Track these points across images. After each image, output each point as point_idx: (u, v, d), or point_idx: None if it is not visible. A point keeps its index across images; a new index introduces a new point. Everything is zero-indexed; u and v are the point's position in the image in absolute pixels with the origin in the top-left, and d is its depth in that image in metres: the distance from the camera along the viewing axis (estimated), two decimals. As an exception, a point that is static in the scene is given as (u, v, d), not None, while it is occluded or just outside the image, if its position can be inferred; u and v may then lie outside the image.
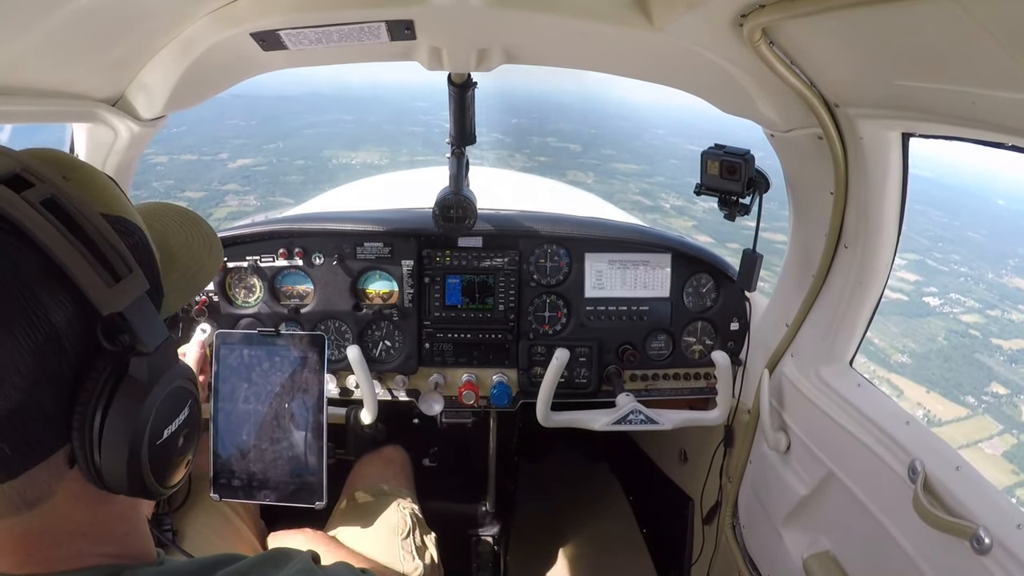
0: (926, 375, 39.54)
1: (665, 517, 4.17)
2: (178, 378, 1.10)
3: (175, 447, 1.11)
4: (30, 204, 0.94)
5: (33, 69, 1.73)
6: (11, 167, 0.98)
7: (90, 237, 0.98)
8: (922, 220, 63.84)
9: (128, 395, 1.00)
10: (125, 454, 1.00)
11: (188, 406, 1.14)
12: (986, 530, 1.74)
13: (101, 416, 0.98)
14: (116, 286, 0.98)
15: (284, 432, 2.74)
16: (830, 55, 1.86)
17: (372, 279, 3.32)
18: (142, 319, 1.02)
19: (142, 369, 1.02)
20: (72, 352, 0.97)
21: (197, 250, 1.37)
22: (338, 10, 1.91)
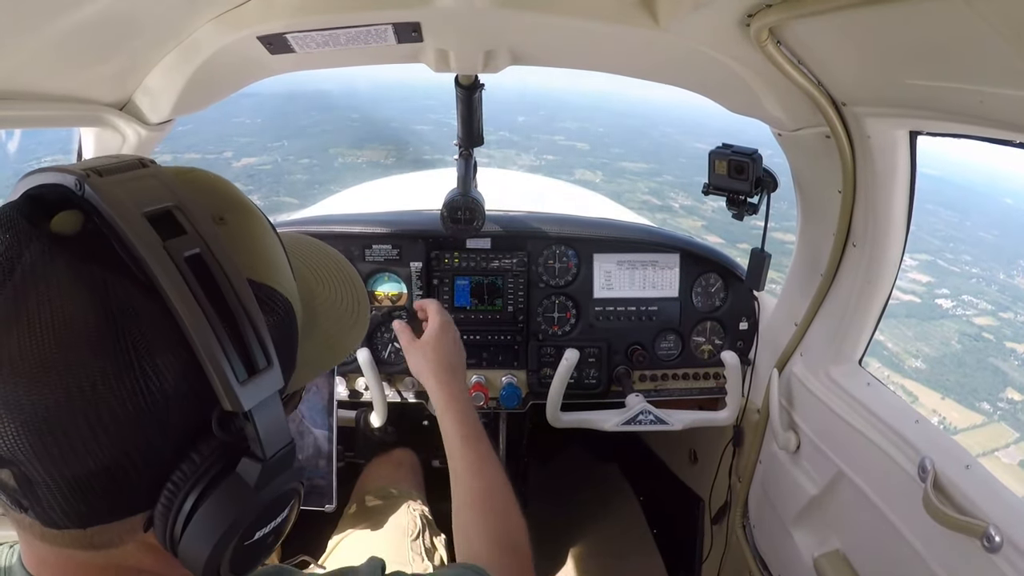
0: (941, 381, 38.84)
1: (675, 517, 4.17)
2: (290, 483, 0.99)
3: (263, 546, 0.99)
4: (173, 259, 0.84)
5: (41, 74, 1.74)
6: (164, 200, 0.89)
7: (233, 315, 0.87)
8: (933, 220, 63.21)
9: (229, 495, 0.90)
10: (208, 550, 0.89)
11: (289, 508, 1.02)
12: (997, 528, 1.74)
13: (192, 504, 0.88)
14: (248, 382, 0.87)
15: (294, 435, 2.74)
16: (837, 54, 1.85)
17: (381, 281, 3.32)
18: (267, 421, 0.91)
19: (252, 473, 0.91)
20: (178, 428, 0.87)
21: (343, 316, 1.25)
22: (345, 13, 1.92)
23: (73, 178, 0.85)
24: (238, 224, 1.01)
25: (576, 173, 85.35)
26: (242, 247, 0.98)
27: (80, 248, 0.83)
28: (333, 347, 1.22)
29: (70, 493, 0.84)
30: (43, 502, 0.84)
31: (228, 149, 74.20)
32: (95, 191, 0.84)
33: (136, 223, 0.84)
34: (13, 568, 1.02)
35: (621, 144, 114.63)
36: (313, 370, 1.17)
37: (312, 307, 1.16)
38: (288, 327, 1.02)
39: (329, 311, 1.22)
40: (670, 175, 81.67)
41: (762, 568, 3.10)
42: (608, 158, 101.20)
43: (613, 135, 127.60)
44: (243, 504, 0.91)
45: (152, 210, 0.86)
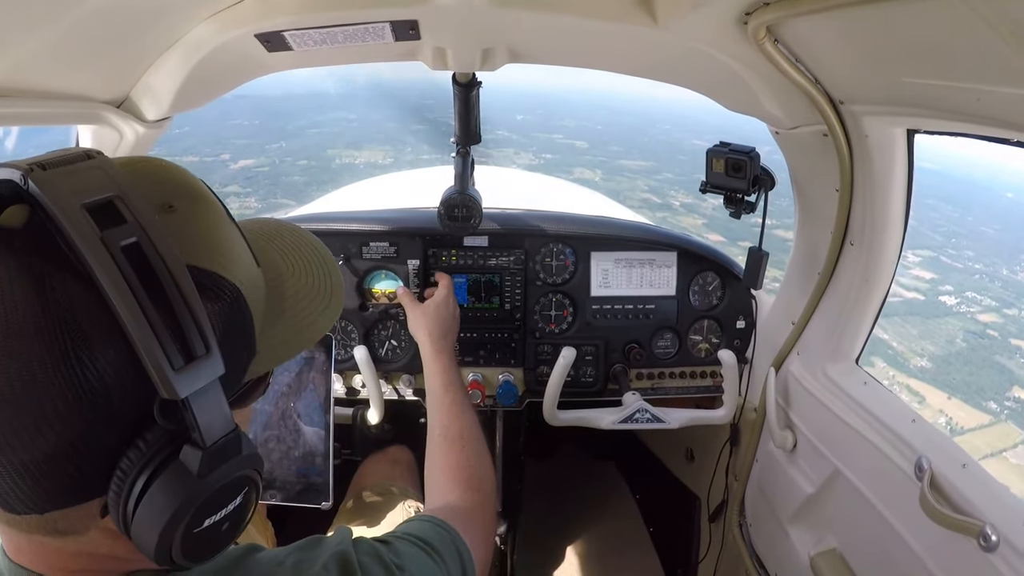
0: (947, 380, 38.42)
1: (672, 516, 4.17)
2: (238, 470, 0.99)
3: (216, 533, 1.00)
4: (109, 250, 0.85)
5: (38, 71, 1.73)
6: (105, 191, 0.90)
7: (170, 303, 0.88)
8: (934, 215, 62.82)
9: (172, 482, 0.91)
10: (155, 537, 0.91)
11: (243, 494, 1.02)
12: (993, 528, 1.74)
13: (140, 491, 0.90)
14: (183, 369, 0.88)
15: (290, 432, 2.74)
16: (835, 52, 1.85)
17: (378, 279, 3.32)
18: (206, 408, 0.92)
19: (194, 461, 0.92)
20: (122, 416, 0.89)
21: (314, 300, 1.25)
22: (342, 11, 1.91)
23: (19, 173, 0.87)
24: (187, 211, 1.02)
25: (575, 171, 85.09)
26: (189, 235, 0.99)
27: (24, 241, 0.86)
28: (302, 331, 1.22)
29: (20, 479, 0.87)
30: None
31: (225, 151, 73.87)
32: (38, 185, 0.86)
33: (74, 214, 0.86)
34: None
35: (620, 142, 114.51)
36: (281, 354, 1.20)
37: (280, 292, 1.18)
38: (237, 314, 1.02)
39: (299, 295, 1.23)
40: (669, 173, 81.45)
41: (758, 566, 3.10)
42: (607, 156, 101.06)
43: (612, 133, 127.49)
44: (185, 491, 0.92)
45: (92, 201, 0.88)
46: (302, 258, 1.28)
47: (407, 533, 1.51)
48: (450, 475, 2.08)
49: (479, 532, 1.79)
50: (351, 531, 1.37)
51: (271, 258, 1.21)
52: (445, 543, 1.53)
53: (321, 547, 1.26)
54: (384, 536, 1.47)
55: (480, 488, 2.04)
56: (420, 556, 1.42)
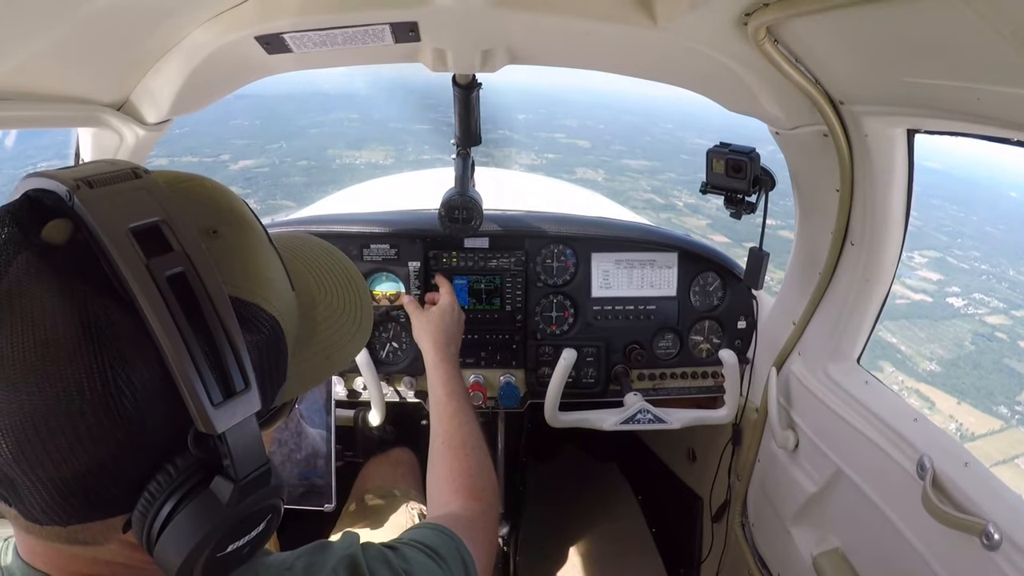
0: (957, 384, 37.90)
1: (674, 516, 4.17)
2: (265, 500, 0.99)
3: (238, 556, 1.00)
4: (155, 279, 0.84)
5: (38, 74, 1.73)
6: (152, 215, 0.89)
7: (212, 336, 0.88)
8: (939, 215, 62.27)
9: (202, 510, 0.91)
10: (180, 560, 0.90)
11: (267, 522, 1.03)
12: (996, 526, 1.74)
13: (167, 515, 0.89)
14: (222, 404, 0.88)
15: (292, 435, 2.74)
16: (834, 52, 1.85)
17: (379, 281, 3.32)
18: (241, 443, 0.92)
19: (224, 492, 0.92)
20: (154, 443, 0.89)
21: (344, 325, 1.25)
22: (342, 13, 1.91)
23: (64, 188, 0.86)
24: (232, 238, 1.02)
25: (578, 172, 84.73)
26: (232, 263, 0.99)
27: (66, 260, 0.85)
28: (331, 357, 1.22)
29: (48, 495, 0.86)
30: (24, 500, 0.87)
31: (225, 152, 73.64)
32: (84, 204, 0.85)
33: (120, 239, 0.85)
34: (10, 558, 1.04)
35: (622, 141, 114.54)
36: (308, 381, 1.19)
37: (312, 317, 1.18)
38: (274, 345, 1.02)
39: (330, 320, 1.23)
40: (672, 172, 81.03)
41: (761, 567, 3.10)
42: (609, 156, 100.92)
43: (614, 132, 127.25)
44: (214, 520, 0.92)
45: (138, 225, 0.87)
46: (332, 279, 1.28)
47: (413, 539, 1.51)
48: (453, 484, 2.08)
49: (482, 540, 1.79)
50: (358, 535, 1.37)
51: (305, 281, 1.21)
52: (450, 550, 1.54)
53: (329, 551, 1.27)
54: (391, 542, 1.47)
55: (483, 497, 2.04)
56: (427, 562, 1.42)
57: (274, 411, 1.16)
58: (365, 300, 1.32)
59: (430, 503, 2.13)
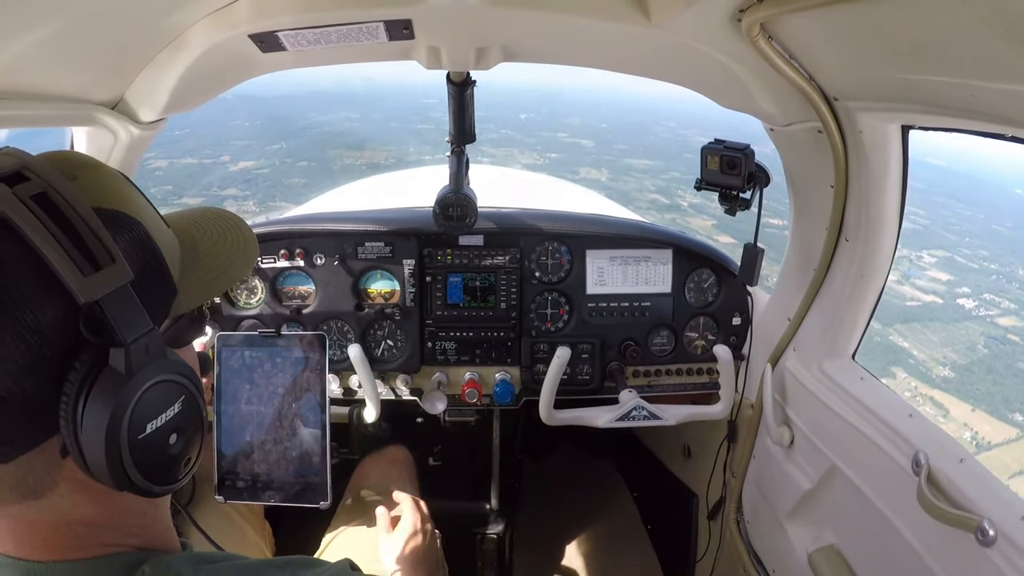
0: (970, 390, 37.03)
1: (669, 513, 4.17)
2: (165, 372, 1.08)
3: (163, 443, 1.08)
4: (19, 198, 0.95)
5: (32, 73, 1.73)
6: (13, 165, 0.99)
7: (75, 229, 0.98)
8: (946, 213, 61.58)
9: (105, 386, 0.99)
10: (102, 446, 0.98)
11: (180, 402, 1.11)
12: (990, 522, 1.75)
13: (82, 407, 0.98)
14: (93, 275, 0.97)
15: (287, 433, 2.74)
16: (829, 49, 1.86)
17: (374, 279, 3.32)
18: (121, 310, 1.01)
19: (119, 360, 1.01)
20: (58, 343, 0.98)
21: (227, 249, 1.37)
22: (336, 10, 1.91)
23: None
24: (92, 178, 1.14)
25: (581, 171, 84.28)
26: (96, 190, 1.11)
27: None
28: (219, 276, 1.35)
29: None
30: None
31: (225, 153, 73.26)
32: None
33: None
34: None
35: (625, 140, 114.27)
36: (203, 294, 1.30)
37: (193, 247, 1.31)
38: (145, 244, 1.14)
39: (212, 249, 1.35)
40: (676, 171, 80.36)
41: (756, 563, 3.10)
42: (613, 155, 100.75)
43: (617, 131, 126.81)
44: (116, 389, 1.00)
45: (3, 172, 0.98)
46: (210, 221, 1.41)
47: None
48: None
49: None
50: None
51: (181, 224, 1.33)
52: None
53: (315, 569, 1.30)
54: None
55: None
56: None
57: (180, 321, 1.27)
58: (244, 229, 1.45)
59: None
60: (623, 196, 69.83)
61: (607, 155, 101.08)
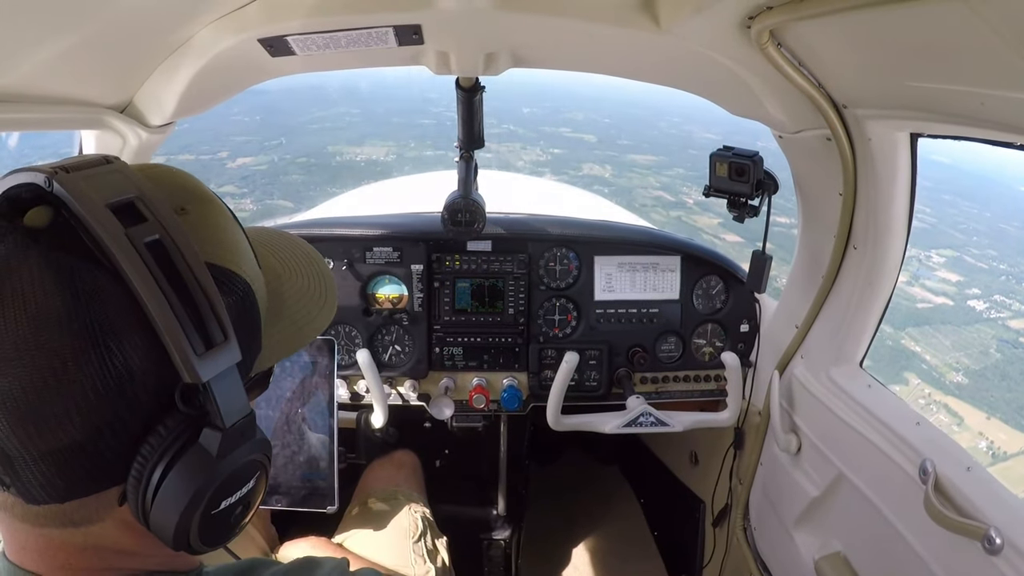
0: (985, 397, 35.68)
1: (676, 520, 4.17)
2: (251, 453, 1.05)
3: (231, 516, 1.06)
4: (134, 245, 0.90)
5: (43, 77, 1.74)
6: (127, 192, 0.95)
7: (190, 294, 0.93)
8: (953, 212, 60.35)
9: (193, 465, 0.96)
10: (175, 519, 0.95)
11: (256, 479, 1.09)
12: (997, 531, 1.74)
13: (160, 475, 0.94)
14: (205, 355, 0.93)
15: (295, 437, 2.74)
16: (838, 56, 1.85)
17: (382, 283, 3.32)
18: (225, 392, 0.97)
19: (213, 442, 0.97)
20: (145, 403, 0.93)
21: (311, 301, 1.32)
22: (346, 15, 1.92)
23: (43, 176, 0.91)
24: (199, 214, 1.08)
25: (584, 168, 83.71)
26: (202, 234, 1.04)
27: (50, 239, 0.89)
28: (302, 329, 1.29)
29: (46, 467, 0.90)
30: (22, 477, 0.91)
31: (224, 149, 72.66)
32: (62, 186, 0.90)
33: (100, 213, 0.90)
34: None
35: (629, 136, 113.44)
36: (282, 350, 1.25)
37: (279, 293, 1.24)
38: (248, 306, 1.08)
39: (297, 296, 1.29)
40: (680, 168, 79.31)
41: (763, 571, 3.10)
42: (616, 151, 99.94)
43: (620, 126, 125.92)
44: (206, 471, 0.97)
45: (115, 201, 0.92)
46: (296, 263, 1.34)
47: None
48: None
49: None
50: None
51: (269, 262, 1.26)
52: None
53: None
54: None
55: None
56: None
57: (254, 380, 1.22)
58: (328, 278, 1.38)
59: None
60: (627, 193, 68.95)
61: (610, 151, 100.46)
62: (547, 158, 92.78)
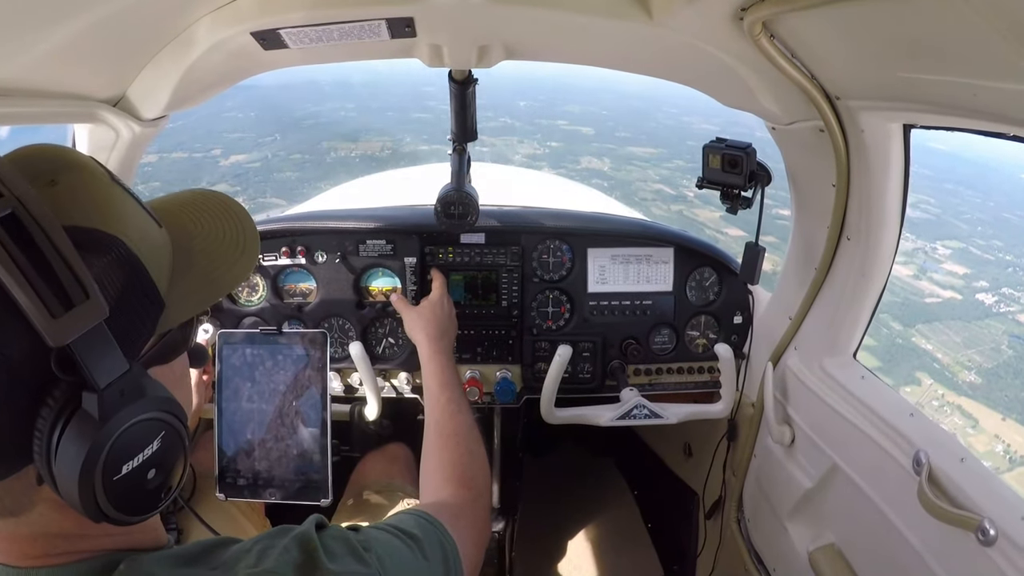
0: (999, 397, 35.10)
1: (670, 511, 4.18)
2: (144, 412, 1.04)
3: (140, 480, 1.05)
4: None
5: (35, 71, 1.73)
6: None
7: (46, 260, 0.92)
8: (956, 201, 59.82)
9: (77, 430, 0.96)
10: (76, 487, 0.96)
11: (160, 439, 1.08)
12: (991, 521, 1.75)
13: (55, 446, 0.96)
14: (64, 316, 0.92)
15: (288, 430, 2.74)
16: (831, 48, 1.85)
17: (375, 276, 3.32)
18: (94, 351, 0.97)
19: (93, 405, 0.97)
20: (28, 379, 0.95)
21: (224, 250, 1.32)
22: (339, 8, 1.91)
23: None
24: (69, 182, 1.07)
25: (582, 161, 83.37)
26: (71, 201, 1.04)
27: None
28: (215, 281, 1.30)
29: None
30: None
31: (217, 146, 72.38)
32: None
33: None
34: None
35: (627, 127, 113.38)
36: (195, 303, 1.26)
37: (187, 248, 1.24)
38: (128, 265, 1.06)
39: (209, 249, 1.29)
40: (680, 160, 78.97)
41: (757, 562, 3.11)
42: (615, 143, 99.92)
43: (618, 118, 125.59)
44: (89, 436, 0.97)
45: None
46: (210, 215, 1.35)
47: (388, 524, 1.53)
48: (443, 472, 2.10)
49: (468, 529, 1.79)
50: (323, 518, 1.38)
51: (178, 219, 1.27)
52: (428, 535, 1.55)
53: (287, 533, 1.28)
54: (360, 526, 1.48)
55: (472, 486, 2.05)
56: (392, 542, 1.43)
57: (166, 336, 1.21)
58: (249, 230, 1.38)
59: (422, 492, 2.14)
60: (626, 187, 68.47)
61: (609, 143, 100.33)
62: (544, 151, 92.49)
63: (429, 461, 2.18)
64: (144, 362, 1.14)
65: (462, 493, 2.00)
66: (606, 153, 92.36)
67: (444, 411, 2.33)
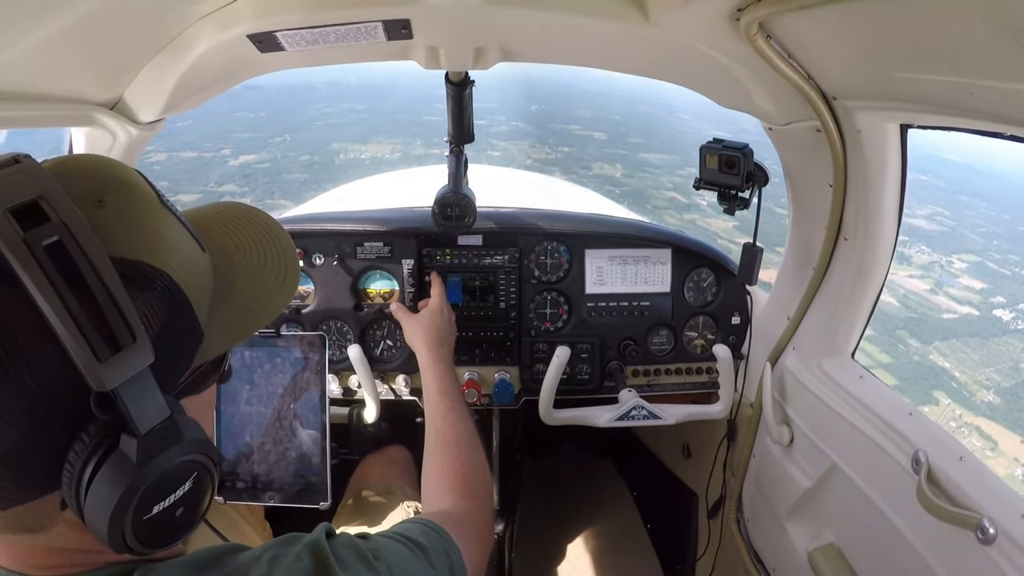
0: (1018, 418, 34.50)
1: (669, 512, 4.18)
2: (181, 456, 1.02)
3: (168, 519, 1.03)
4: (31, 250, 0.86)
5: (31, 74, 1.73)
6: (29, 192, 0.90)
7: (94, 296, 0.89)
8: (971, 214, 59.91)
9: (114, 472, 0.94)
10: (106, 526, 0.94)
11: (192, 480, 1.05)
12: (990, 520, 1.75)
13: (87, 482, 0.93)
14: (109, 361, 0.89)
15: (287, 433, 2.74)
16: (827, 48, 1.86)
17: (373, 279, 3.32)
18: (137, 398, 0.94)
19: (131, 449, 0.95)
20: (65, 414, 0.92)
21: (267, 278, 1.28)
22: (335, 10, 1.92)
23: None
24: (117, 205, 1.03)
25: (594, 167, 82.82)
26: (119, 227, 1.01)
27: None
28: (255, 312, 1.26)
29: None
30: None
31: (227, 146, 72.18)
32: None
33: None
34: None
35: (639, 133, 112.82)
36: (234, 334, 1.23)
37: (229, 274, 1.21)
38: (171, 299, 1.03)
39: (250, 277, 1.26)
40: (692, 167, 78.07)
41: (756, 562, 3.11)
42: (627, 149, 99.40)
43: (630, 123, 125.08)
44: (126, 479, 0.94)
45: (17, 204, 0.89)
46: (253, 240, 1.31)
47: (395, 532, 1.52)
48: (445, 481, 2.10)
49: (472, 539, 1.79)
50: (331, 527, 1.37)
51: (221, 242, 1.24)
52: (434, 543, 1.54)
53: (297, 541, 1.27)
54: (368, 534, 1.48)
55: (475, 495, 2.05)
56: (401, 550, 1.43)
57: (199, 370, 1.18)
58: (290, 255, 1.34)
59: (424, 501, 2.14)
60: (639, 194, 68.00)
61: (621, 149, 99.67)
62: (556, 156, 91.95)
63: (430, 468, 2.19)
64: (176, 393, 1.11)
65: (465, 503, 2.01)
66: (619, 159, 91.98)
67: (445, 419, 2.33)
